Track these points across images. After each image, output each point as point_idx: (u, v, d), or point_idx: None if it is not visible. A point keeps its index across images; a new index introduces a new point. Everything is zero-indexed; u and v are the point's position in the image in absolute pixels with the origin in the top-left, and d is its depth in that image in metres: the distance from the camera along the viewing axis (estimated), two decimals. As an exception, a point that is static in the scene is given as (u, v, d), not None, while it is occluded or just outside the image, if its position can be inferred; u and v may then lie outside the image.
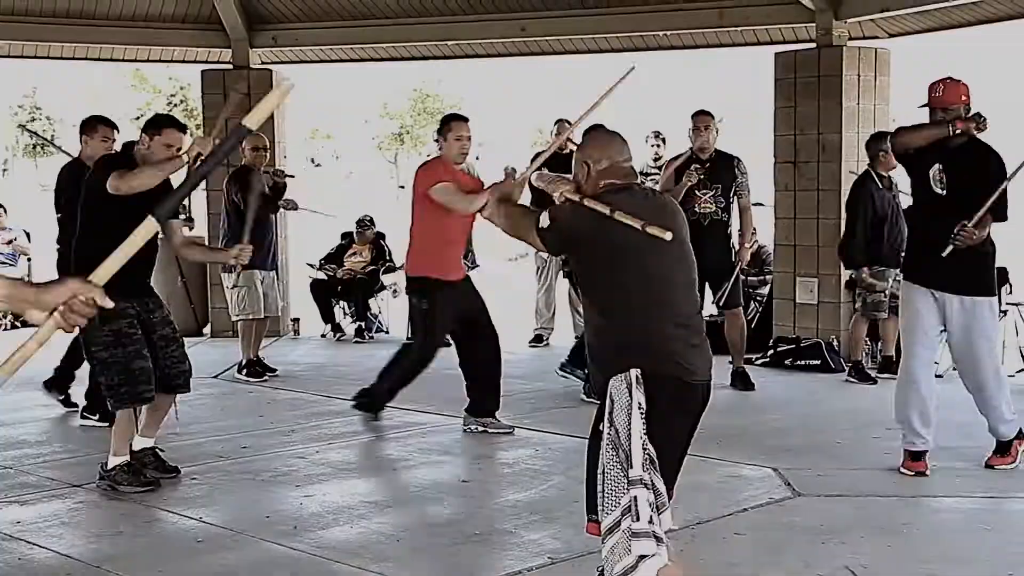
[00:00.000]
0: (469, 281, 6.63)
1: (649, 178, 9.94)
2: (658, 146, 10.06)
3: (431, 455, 6.19)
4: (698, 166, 7.93)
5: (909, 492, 5.34)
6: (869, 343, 8.95)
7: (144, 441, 5.60)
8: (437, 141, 6.56)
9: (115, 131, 6.85)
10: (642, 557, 3.24)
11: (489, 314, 6.62)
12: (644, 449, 3.29)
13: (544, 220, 3.57)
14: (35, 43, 11.22)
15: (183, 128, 6.89)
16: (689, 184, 7.83)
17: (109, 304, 2.31)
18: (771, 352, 9.08)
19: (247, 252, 6.02)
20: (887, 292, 8.13)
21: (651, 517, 3.27)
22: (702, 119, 8.06)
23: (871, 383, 8.13)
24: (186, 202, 7.69)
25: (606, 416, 3.39)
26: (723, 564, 4.24)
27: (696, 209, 7.88)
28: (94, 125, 6.83)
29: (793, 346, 8.99)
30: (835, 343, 8.95)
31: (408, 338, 9.69)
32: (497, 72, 37.80)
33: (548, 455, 6.08)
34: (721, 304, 8.02)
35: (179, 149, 5.39)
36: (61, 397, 7.24)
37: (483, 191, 6.27)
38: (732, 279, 7.94)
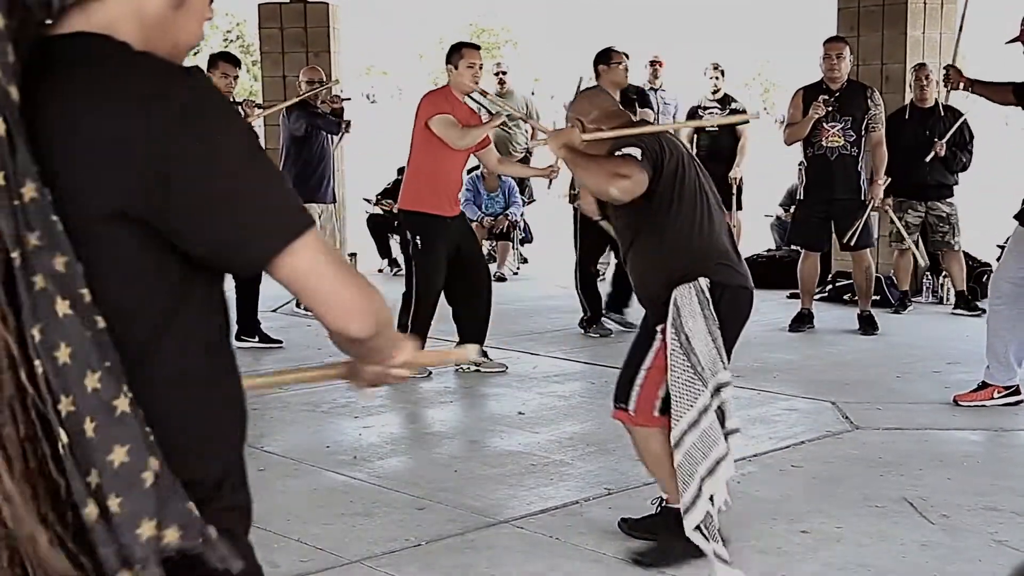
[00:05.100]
0: (464, 218, 6.48)
1: (708, 112, 9.75)
2: (717, 78, 9.75)
3: (487, 387, 6.24)
4: (827, 97, 7.44)
5: (969, 425, 5.30)
6: (931, 278, 8.83)
7: None
8: (447, 69, 6.21)
9: (236, 67, 6.86)
10: (718, 461, 3.38)
11: (483, 252, 6.51)
12: (719, 351, 3.41)
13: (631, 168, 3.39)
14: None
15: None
16: (816, 116, 7.36)
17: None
18: (829, 287, 8.98)
19: None
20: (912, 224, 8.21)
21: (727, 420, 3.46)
22: (834, 46, 7.54)
23: (895, 312, 8.24)
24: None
25: (670, 323, 3.43)
26: (780, 496, 4.24)
27: (823, 143, 7.46)
28: (215, 62, 6.85)
29: (852, 281, 8.86)
30: (895, 279, 8.81)
31: (396, 271, 9.56)
32: (552, 5, 37.41)
33: (604, 388, 6.07)
34: (851, 245, 7.59)
35: None
36: (256, 339, 7.23)
37: (481, 125, 6.23)
38: (863, 219, 7.49)
